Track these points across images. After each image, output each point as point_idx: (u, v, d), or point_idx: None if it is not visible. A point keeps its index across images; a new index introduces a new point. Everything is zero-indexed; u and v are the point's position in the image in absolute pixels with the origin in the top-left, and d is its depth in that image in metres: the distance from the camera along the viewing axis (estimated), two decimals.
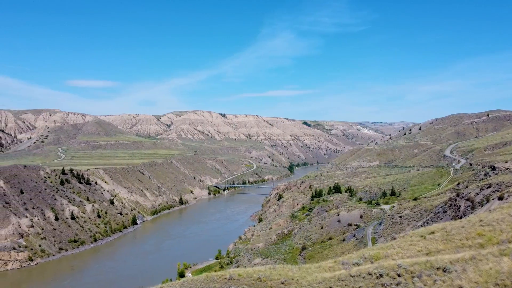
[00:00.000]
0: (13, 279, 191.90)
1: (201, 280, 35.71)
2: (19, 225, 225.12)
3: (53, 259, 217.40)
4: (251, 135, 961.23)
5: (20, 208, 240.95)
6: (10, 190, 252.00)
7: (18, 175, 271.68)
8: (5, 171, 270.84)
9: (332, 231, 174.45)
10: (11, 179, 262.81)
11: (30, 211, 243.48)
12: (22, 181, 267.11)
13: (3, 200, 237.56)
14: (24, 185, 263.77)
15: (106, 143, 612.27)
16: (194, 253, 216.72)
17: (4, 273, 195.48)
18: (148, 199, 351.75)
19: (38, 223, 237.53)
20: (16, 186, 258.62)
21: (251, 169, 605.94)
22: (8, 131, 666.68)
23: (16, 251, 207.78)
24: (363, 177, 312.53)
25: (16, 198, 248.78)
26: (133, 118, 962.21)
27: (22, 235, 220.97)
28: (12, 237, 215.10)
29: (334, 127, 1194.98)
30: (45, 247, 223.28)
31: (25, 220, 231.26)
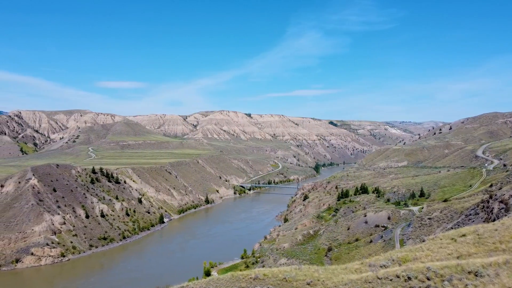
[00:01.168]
0: (46, 274, 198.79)
1: (227, 279, 35.92)
2: (52, 222, 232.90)
3: (84, 255, 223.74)
4: (277, 135, 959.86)
5: (53, 205, 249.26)
6: (43, 188, 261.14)
7: (51, 174, 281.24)
8: (39, 170, 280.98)
9: (358, 232, 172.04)
10: (45, 178, 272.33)
11: (62, 208, 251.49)
12: (55, 179, 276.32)
13: (37, 198, 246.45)
14: (57, 184, 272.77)
15: (135, 142, 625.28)
16: (220, 252, 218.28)
17: (38, 269, 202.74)
18: (175, 198, 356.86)
19: (69, 221, 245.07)
20: (49, 185, 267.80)
21: (276, 169, 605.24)
22: (42, 131, 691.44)
23: (49, 247, 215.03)
24: (391, 177, 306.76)
25: (49, 196, 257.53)
26: (160, 118, 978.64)
27: (54, 232, 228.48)
28: (46, 234, 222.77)
29: (361, 127, 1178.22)
30: (76, 243, 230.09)
31: (58, 218, 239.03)
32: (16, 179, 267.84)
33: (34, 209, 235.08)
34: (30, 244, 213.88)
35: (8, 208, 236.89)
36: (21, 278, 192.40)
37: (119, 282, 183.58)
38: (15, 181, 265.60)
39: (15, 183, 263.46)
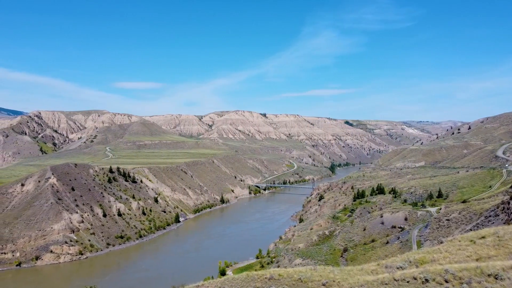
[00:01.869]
0: (64, 271, 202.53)
1: (242, 279, 35.96)
2: (70, 220, 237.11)
3: (101, 253, 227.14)
4: (292, 135, 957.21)
5: (71, 204, 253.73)
6: (62, 187, 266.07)
7: (70, 173, 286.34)
8: (58, 169, 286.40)
9: (375, 233, 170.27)
10: (63, 177, 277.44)
11: (80, 207, 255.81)
12: (73, 178, 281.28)
13: (56, 197, 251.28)
14: (75, 183, 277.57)
15: (151, 142, 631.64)
16: (235, 252, 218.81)
17: (57, 266, 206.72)
18: (191, 197, 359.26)
19: (87, 219, 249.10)
20: (67, 184, 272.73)
21: (291, 169, 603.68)
22: (60, 131, 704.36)
23: (68, 245, 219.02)
24: (408, 178, 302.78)
25: (68, 195, 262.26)
26: (176, 119, 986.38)
27: (73, 230, 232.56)
28: (64, 232, 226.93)
29: (377, 127, 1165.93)
30: (94, 242, 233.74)
31: (76, 216, 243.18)
32: (36, 178, 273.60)
33: (53, 207, 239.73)
34: (49, 242, 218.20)
35: (29, 207, 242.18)
36: (41, 275, 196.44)
37: (133, 281, 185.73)
38: (35, 180, 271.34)
39: (35, 182, 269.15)
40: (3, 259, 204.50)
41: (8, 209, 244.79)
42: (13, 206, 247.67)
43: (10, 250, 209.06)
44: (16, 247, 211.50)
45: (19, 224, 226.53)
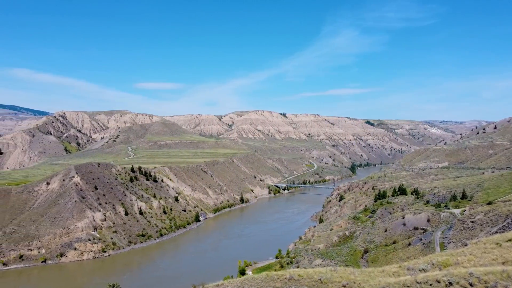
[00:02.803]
0: (88, 268, 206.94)
1: (262, 279, 35.98)
2: (93, 218, 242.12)
3: (123, 251, 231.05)
4: (312, 135, 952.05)
5: (94, 202, 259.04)
6: (86, 186, 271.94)
7: (93, 172, 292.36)
8: (82, 168, 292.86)
9: (396, 234, 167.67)
10: (87, 176, 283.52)
11: (103, 205, 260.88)
12: (96, 177, 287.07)
13: (80, 195, 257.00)
14: (98, 182, 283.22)
15: (171, 142, 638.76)
16: (254, 252, 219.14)
17: (80, 263, 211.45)
18: (210, 197, 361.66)
19: (110, 217, 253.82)
20: (91, 182, 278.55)
21: (311, 169, 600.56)
22: (84, 131, 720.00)
23: (91, 243, 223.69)
24: (430, 178, 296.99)
25: (91, 193, 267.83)
26: (196, 119, 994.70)
27: (96, 228, 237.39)
28: (88, 230, 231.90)
29: (399, 126, 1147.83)
30: (116, 240, 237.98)
31: (99, 214, 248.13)
32: (60, 177, 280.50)
33: (77, 205, 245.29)
34: (73, 239, 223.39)
35: (54, 205, 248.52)
36: (66, 272, 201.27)
37: (153, 280, 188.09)
38: (59, 179, 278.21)
39: (59, 180, 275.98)
40: (29, 255, 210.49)
41: (34, 207, 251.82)
42: (39, 204, 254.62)
43: (36, 247, 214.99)
44: (41, 244, 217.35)
45: (45, 222, 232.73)
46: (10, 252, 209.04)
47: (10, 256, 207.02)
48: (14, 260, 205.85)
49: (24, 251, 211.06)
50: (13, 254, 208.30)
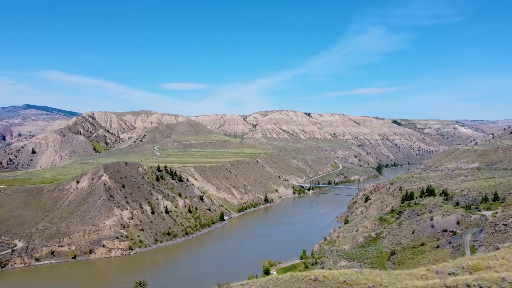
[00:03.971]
0: (115, 265, 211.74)
1: (286, 279, 35.87)
2: (121, 216, 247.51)
3: (150, 249, 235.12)
4: (337, 135, 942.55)
5: (122, 201, 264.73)
6: (114, 184, 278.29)
7: (120, 171, 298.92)
8: (110, 167, 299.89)
9: (424, 236, 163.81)
10: (115, 175, 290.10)
11: (130, 204, 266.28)
12: (123, 176, 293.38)
13: (108, 194, 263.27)
14: (125, 180, 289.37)
15: (196, 142, 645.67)
16: (279, 252, 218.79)
17: (108, 260, 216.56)
18: (235, 196, 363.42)
19: (137, 216, 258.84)
20: (118, 181, 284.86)
21: (336, 169, 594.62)
22: (112, 131, 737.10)
23: (119, 240, 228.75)
24: (460, 179, 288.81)
25: (119, 192, 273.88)
26: (221, 118, 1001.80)
27: (123, 226, 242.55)
28: (115, 228, 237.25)
29: (427, 126, 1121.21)
30: (143, 238, 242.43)
31: (126, 213, 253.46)
32: (90, 175, 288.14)
33: (106, 204, 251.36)
34: (102, 237, 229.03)
35: (83, 203, 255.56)
36: (94, 268, 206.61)
37: (177, 278, 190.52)
38: (89, 177, 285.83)
39: (89, 179, 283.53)
40: (60, 251, 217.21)
41: (64, 204, 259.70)
42: (69, 202, 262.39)
43: (66, 244, 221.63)
44: (71, 241, 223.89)
45: (75, 219, 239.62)
46: (42, 248, 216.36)
47: (42, 252, 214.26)
48: (46, 256, 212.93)
49: (55, 247, 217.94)
50: (45, 250, 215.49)
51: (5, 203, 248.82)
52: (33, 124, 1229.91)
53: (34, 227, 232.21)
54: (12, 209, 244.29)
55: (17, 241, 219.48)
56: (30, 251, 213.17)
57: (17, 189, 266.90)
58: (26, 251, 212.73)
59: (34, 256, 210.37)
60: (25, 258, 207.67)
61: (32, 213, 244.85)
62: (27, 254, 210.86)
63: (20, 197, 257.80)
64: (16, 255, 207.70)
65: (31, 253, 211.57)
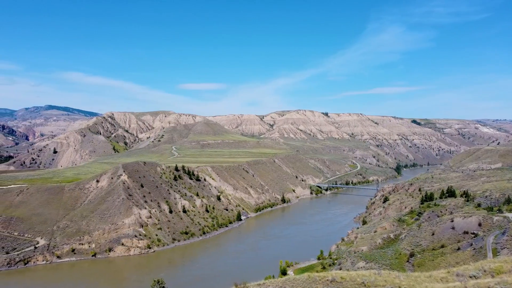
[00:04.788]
0: (134, 263, 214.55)
1: (303, 280, 35.68)
2: (139, 215, 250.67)
3: (167, 248, 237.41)
4: (355, 135, 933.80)
5: (141, 200, 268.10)
6: (132, 184, 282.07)
7: (139, 171, 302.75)
8: (129, 167, 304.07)
9: (444, 238, 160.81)
10: (133, 174, 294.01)
11: (149, 203, 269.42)
12: (142, 176, 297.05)
13: (127, 193, 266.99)
14: (144, 180, 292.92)
15: (214, 142, 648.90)
16: (296, 252, 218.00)
17: (127, 258, 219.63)
18: (252, 196, 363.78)
19: (155, 215, 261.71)
20: (137, 181, 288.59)
21: (354, 170, 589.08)
22: (131, 131, 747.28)
23: (137, 239, 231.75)
24: (482, 180, 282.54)
25: (137, 191, 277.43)
26: (238, 118, 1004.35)
27: (142, 225, 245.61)
28: (134, 226, 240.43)
29: (447, 126, 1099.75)
30: (161, 236, 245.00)
31: (145, 212, 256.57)
32: (109, 175, 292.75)
33: (124, 203, 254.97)
34: (121, 235, 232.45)
35: (103, 201, 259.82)
36: (114, 266, 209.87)
37: (193, 277, 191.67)
38: (108, 177, 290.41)
39: (108, 178, 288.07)
40: (81, 249, 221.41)
41: (85, 203, 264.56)
42: (89, 200, 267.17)
43: (87, 242, 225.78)
44: (91, 239, 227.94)
45: (95, 218, 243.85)
46: (64, 245, 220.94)
47: (64, 249, 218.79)
48: (67, 253, 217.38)
49: (76, 245, 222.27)
50: (66, 247, 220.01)
51: (28, 202, 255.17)
52: (54, 124, 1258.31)
53: (56, 225, 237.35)
54: (34, 207, 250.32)
55: (39, 238, 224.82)
56: (52, 248, 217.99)
57: (39, 188, 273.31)
58: (48, 248, 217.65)
59: (55, 253, 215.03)
60: (47, 255, 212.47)
61: (54, 211, 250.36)
62: (49, 251, 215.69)
63: (42, 196, 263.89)
64: (39, 252, 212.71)
65: (52, 251, 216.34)
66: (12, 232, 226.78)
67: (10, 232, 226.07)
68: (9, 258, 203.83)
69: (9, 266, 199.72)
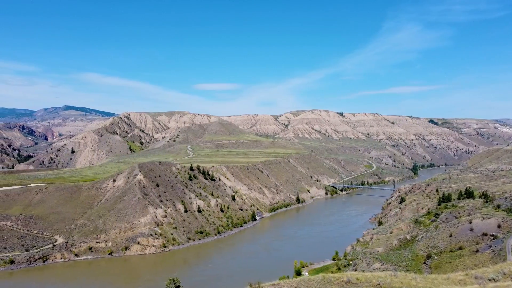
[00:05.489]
0: (149, 262, 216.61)
1: (318, 280, 35.48)
2: (155, 215, 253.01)
3: (182, 247, 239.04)
4: (371, 134, 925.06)
5: (156, 199, 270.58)
6: (148, 183, 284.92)
7: (155, 170, 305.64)
8: (145, 166, 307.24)
9: (462, 240, 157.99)
10: (149, 174, 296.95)
11: (164, 202, 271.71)
12: (158, 175, 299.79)
13: (143, 192, 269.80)
14: (159, 179, 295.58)
15: (228, 142, 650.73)
16: (310, 253, 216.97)
17: (143, 257, 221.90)
18: (266, 196, 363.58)
19: (170, 214, 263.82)
20: (153, 180, 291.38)
21: (370, 170, 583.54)
22: (147, 131, 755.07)
23: (153, 238, 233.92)
24: (501, 181, 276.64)
25: (153, 190, 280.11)
26: (252, 118, 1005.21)
27: (157, 224, 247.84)
28: (150, 225, 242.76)
29: (465, 125, 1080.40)
30: (176, 236, 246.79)
31: (160, 211, 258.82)
32: (125, 174, 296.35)
33: (140, 202, 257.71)
34: (136, 234, 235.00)
35: (119, 201, 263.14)
36: (130, 264, 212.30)
37: (207, 277, 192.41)
38: (124, 176, 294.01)
39: (124, 178, 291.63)
40: (97, 247, 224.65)
41: (102, 202, 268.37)
42: (106, 199, 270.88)
43: (103, 240, 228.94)
44: (108, 238, 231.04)
45: (111, 217, 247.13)
46: (81, 244, 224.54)
47: (81, 247, 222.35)
48: (84, 251, 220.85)
49: (93, 244, 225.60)
50: (83, 246, 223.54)
51: (47, 200, 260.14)
52: (72, 124, 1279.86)
53: (74, 223, 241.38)
54: (53, 206, 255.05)
55: (58, 236, 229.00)
56: (70, 246, 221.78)
57: (58, 187, 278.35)
58: (66, 246, 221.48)
59: (73, 251, 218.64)
60: (65, 253, 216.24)
61: (72, 210, 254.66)
62: (67, 249, 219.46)
63: (61, 195, 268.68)
64: (57, 250, 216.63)
65: (70, 249, 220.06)
66: (32, 230, 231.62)
67: (29, 230, 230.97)
68: (28, 255, 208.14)
69: (28, 264, 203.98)
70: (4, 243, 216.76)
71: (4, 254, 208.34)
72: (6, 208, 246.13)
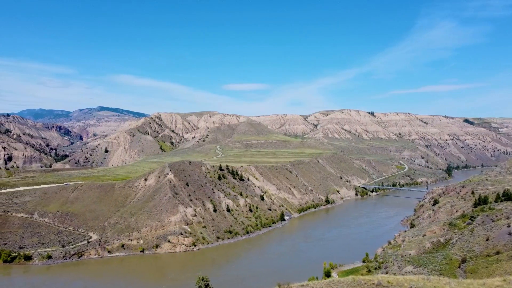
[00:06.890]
0: (179, 259, 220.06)
1: (348, 283, 34.96)
2: (185, 213, 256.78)
3: (212, 246, 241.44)
4: (402, 134, 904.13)
5: (186, 199, 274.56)
6: (178, 182, 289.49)
7: (184, 170, 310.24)
8: (175, 166, 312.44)
9: (500, 244, 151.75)
10: (179, 173, 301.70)
11: (194, 202, 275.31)
12: (187, 175, 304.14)
13: (173, 191, 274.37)
14: (189, 179, 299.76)
15: (257, 142, 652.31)
16: (339, 254, 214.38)
17: (173, 255, 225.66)
18: (295, 196, 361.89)
19: (199, 213, 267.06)
20: (182, 180, 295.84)
21: (402, 171, 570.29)
22: (177, 132, 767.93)
23: (183, 236, 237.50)
24: None
25: (183, 190, 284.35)
26: (281, 118, 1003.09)
27: (187, 223, 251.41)
28: (180, 224, 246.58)
29: (504, 125, 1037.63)
30: (205, 235, 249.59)
31: (190, 210, 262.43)
32: (156, 173, 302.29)
33: (171, 201, 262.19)
34: (167, 232, 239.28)
35: (150, 199, 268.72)
36: (160, 262, 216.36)
37: (235, 277, 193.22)
38: (155, 175, 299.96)
39: (155, 177, 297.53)
40: (130, 245, 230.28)
41: (134, 200, 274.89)
42: (138, 198, 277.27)
43: (135, 238, 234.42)
44: (140, 235, 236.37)
45: (143, 215, 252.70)
46: (114, 241, 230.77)
47: (114, 244, 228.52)
48: (117, 248, 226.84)
49: (125, 241, 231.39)
50: (116, 243, 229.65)
51: (82, 198, 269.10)
52: (106, 124, 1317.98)
53: (107, 221, 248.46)
54: (87, 204, 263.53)
55: (92, 233, 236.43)
56: (103, 243, 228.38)
57: (92, 185, 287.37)
58: (100, 243, 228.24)
59: (106, 248, 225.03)
60: (98, 250, 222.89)
61: (105, 208, 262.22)
62: (101, 246, 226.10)
63: (95, 193, 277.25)
64: (91, 247, 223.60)
65: (104, 246, 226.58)
66: (68, 227, 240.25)
67: (65, 227, 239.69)
68: (64, 251, 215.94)
69: (64, 259, 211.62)
70: (42, 239, 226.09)
71: (42, 249, 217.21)
72: (45, 205, 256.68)
